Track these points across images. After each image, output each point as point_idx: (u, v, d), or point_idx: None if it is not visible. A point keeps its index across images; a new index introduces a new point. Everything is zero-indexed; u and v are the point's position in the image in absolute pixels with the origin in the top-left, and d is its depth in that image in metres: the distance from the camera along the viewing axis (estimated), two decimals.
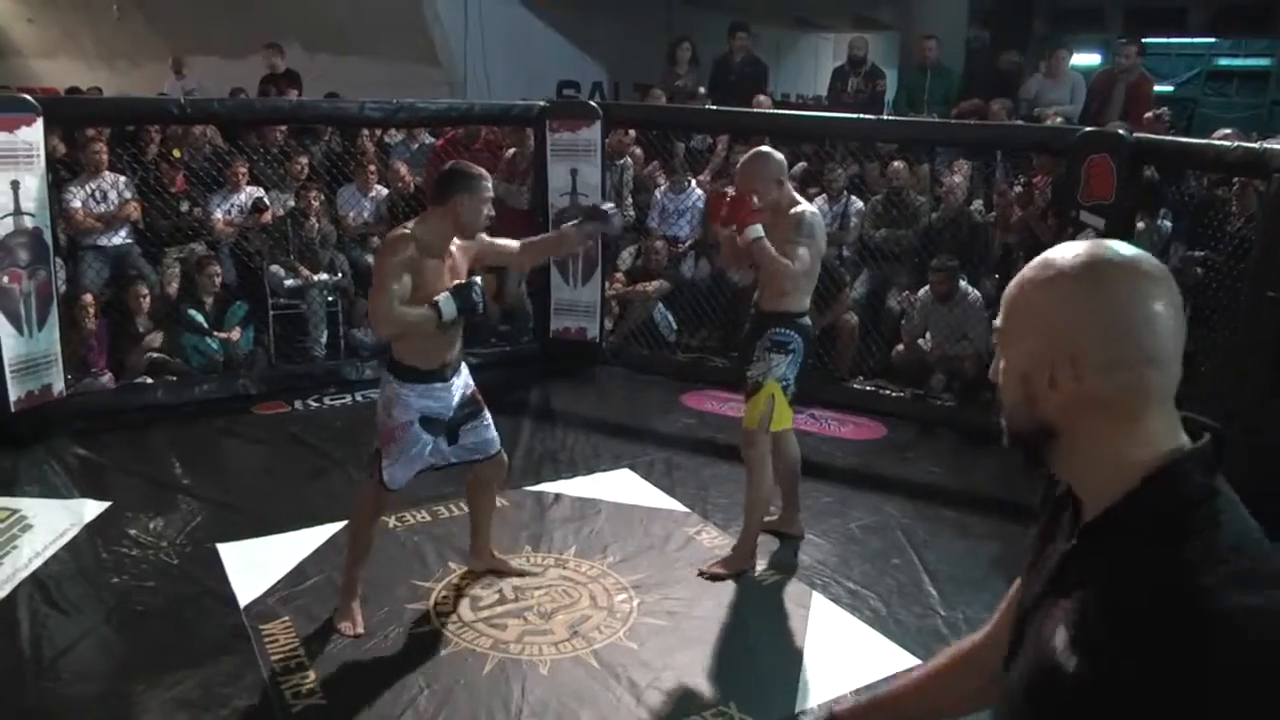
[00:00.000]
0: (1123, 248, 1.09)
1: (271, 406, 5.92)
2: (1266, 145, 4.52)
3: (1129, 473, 1.05)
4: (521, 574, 4.00)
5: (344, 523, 4.32)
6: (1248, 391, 4.16)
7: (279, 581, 3.86)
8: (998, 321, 1.15)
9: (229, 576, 3.90)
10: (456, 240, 3.46)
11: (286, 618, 3.61)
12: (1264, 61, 16.18)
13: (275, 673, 3.28)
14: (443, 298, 3.29)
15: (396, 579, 3.92)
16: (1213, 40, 16.27)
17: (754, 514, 4.12)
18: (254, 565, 3.98)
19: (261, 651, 3.40)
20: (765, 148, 4.05)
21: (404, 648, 3.47)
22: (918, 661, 3.52)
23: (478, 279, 3.45)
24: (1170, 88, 14.89)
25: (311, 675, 3.27)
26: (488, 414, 3.71)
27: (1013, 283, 1.13)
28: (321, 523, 4.35)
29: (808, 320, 4.04)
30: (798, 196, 4.05)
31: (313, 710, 3.11)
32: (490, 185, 3.46)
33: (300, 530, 4.29)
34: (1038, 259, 1.12)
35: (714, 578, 4.03)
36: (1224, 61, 16.94)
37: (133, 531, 4.27)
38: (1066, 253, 1.10)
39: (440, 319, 3.29)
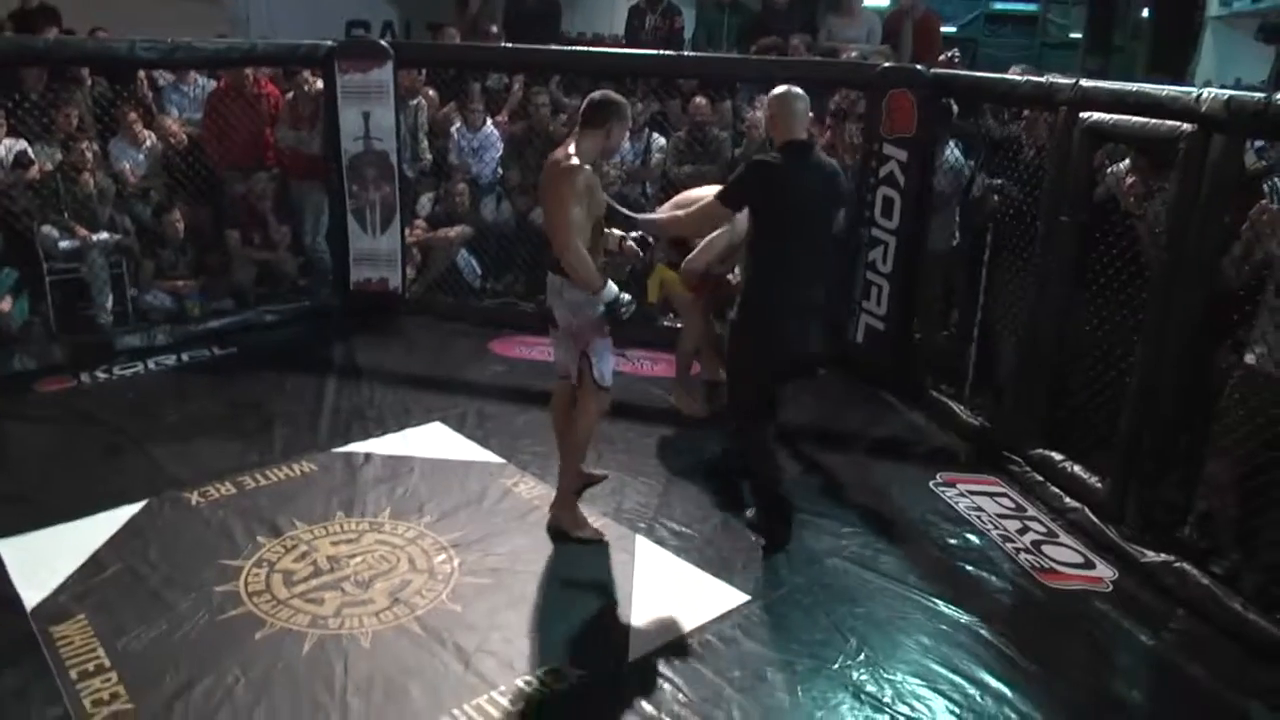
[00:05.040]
0: None
1: (56, 382, 5.48)
2: (1052, 80, 4.72)
3: None
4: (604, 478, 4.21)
5: (144, 502, 4.10)
6: (1048, 303, 4.55)
7: (71, 576, 3.59)
8: None
9: (11, 576, 3.59)
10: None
11: (82, 616, 3.37)
12: (1033, 7, 17.72)
13: (72, 680, 3.05)
14: (612, 289, 3.66)
15: (203, 561, 3.72)
16: None
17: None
18: (41, 561, 3.68)
19: (55, 657, 3.15)
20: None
21: (215, 635, 3.30)
22: (747, 598, 3.61)
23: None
24: (954, 29, 15.91)
25: (114, 677, 3.07)
26: None
27: None
28: (118, 505, 4.07)
29: None
30: None
31: (118, 716, 2.92)
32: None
33: (94, 516, 3.99)
34: None
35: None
36: (999, 5, 18.24)
37: None
38: None
39: (597, 289, 3.63)
